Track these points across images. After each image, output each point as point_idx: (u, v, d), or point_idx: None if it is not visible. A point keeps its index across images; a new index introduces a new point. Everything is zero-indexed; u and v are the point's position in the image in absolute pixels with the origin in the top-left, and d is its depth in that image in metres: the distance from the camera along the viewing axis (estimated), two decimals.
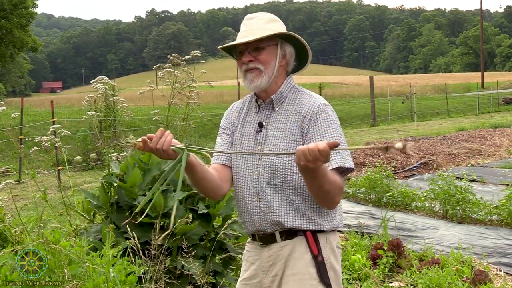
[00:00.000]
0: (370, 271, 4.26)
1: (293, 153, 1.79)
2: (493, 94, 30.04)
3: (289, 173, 1.99)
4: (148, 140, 1.81)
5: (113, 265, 2.32)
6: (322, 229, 2.01)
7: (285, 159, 1.99)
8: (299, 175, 1.96)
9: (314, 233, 2.01)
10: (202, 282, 2.94)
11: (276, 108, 2.08)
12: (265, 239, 2.08)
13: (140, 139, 1.82)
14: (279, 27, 2.07)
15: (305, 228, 2.00)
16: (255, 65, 2.02)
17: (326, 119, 1.98)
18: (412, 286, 4.13)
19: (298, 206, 2.00)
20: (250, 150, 2.10)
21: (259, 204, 2.05)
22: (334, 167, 1.90)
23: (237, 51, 2.07)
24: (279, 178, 2.00)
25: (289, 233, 2.02)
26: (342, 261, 4.50)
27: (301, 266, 1.99)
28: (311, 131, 1.97)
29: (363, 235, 5.41)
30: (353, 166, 1.96)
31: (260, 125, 2.09)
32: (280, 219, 2.01)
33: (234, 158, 2.15)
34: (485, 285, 3.93)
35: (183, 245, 3.13)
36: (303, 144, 1.97)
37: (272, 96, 2.08)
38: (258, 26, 2.02)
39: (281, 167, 1.99)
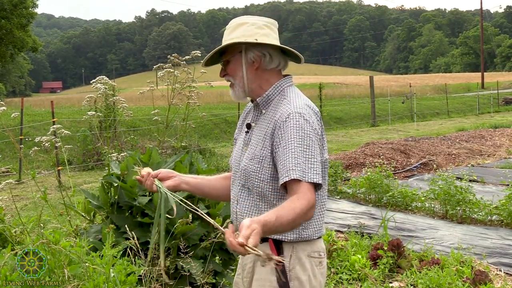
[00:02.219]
0: (370, 272, 4.25)
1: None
2: (493, 94, 30.05)
3: (256, 180, 1.96)
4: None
5: (113, 265, 2.32)
6: (284, 239, 1.96)
7: (255, 164, 1.97)
8: (265, 183, 1.95)
9: (279, 242, 1.96)
10: (202, 282, 2.94)
11: (263, 111, 2.05)
12: None
13: (143, 172, 2.12)
14: (246, 31, 2.00)
15: (268, 236, 1.95)
16: (228, 79, 2.06)
17: (295, 127, 1.88)
18: (412, 286, 4.13)
19: (264, 213, 1.95)
20: (239, 150, 2.11)
21: (237, 206, 2.07)
22: (290, 178, 1.81)
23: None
24: (250, 182, 1.99)
25: None
26: (342, 261, 4.52)
27: (263, 273, 1.98)
28: (277, 141, 1.92)
29: (363, 235, 5.41)
30: (317, 180, 1.84)
31: (248, 126, 2.09)
32: None
33: (232, 158, 2.20)
34: (485, 285, 3.93)
35: (180, 245, 3.13)
36: (271, 153, 1.93)
37: (257, 99, 2.05)
38: (224, 38, 2.03)
39: (251, 172, 1.98)
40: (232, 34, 2.01)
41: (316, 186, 1.87)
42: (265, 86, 2.04)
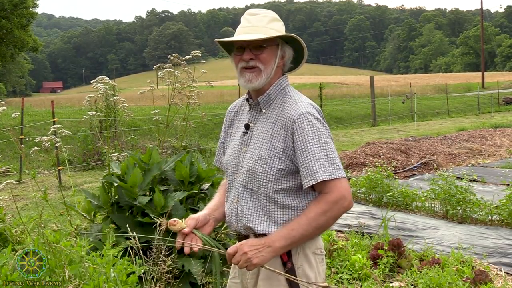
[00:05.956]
0: (371, 271, 4.25)
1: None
2: (493, 94, 30.06)
3: (264, 180, 1.95)
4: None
5: (113, 265, 2.32)
6: None
7: (262, 165, 1.95)
8: (274, 183, 1.94)
9: None
10: (203, 282, 2.94)
11: (264, 110, 2.03)
12: (241, 240, 2.06)
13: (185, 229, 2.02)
14: (280, 27, 2.03)
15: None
16: (255, 64, 1.97)
17: (309, 128, 1.91)
18: (412, 286, 4.13)
19: (271, 214, 1.97)
20: (236, 151, 2.08)
21: (237, 207, 2.04)
22: (317, 181, 1.85)
23: (235, 46, 2.02)
24: (255, 183, 1.97)
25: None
26: (342, 261, 4.52)
27: (270, 272, 1.96)
28: (295, 144, 1.92)
29: (363, 235, 5.40)
30: (342, 175, 1.88)
31: (247, 126, 2.06)
32: (250, 225, 1.99)
33: (224, 160, 2.17)
34: (486, 285, 3.93)
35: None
36: (283, 154, 1.93)
37: (258, 98, 2.04)
38: (261, 24, 1.98)
39: (258, 173, 1.96)
40: (273, 25, 2.00)
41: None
42: (272, 83, 2.04)
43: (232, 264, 2.18)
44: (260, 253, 1.81)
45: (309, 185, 1.88)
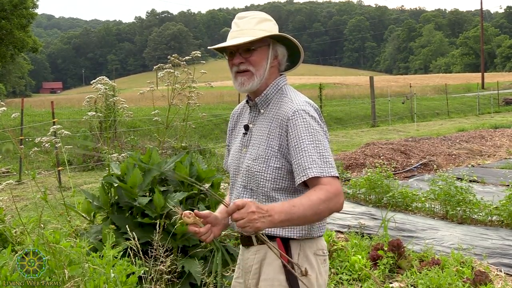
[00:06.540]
0: (371, 272, 4.25)
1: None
2: (493, 95, 30.07)
3: (262, 180, 1.96)
4: (198, 226, 1.98)
5: (113, 266, 2.32)
6: (292, 237, 1.97)
7: (260, 164, 1.96)
8: (272, 182, 1.94)
9: (286, 240, 1.97)
10: (203, 282, 2.94)
11: (262, 111, 2.04)
12: (244, 241, 2.09)
13: (191, 219, 2.00)
14: (271, 26, 2.02)
15: (275, 235, 1.96)
16: (246, 67, 1.97)
17: (303, 125, 1.89)
18: (412, 287, 4.13)
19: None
20: (237, 152, 2.09)
21: None
22: (309, 177, 1.83)
23: (227, 52, 2.03)
24: (254, 183, 1.98)
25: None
26: (342, 261, 4.52)
27: (271, 272, 1.98)
28: (289, 141, 1.91)
29: (363, 236, 5.41)
30: (335, 174, 1.85)
31: (246, 127, 2.08)
32: None
33: (228, 161, 2.19)
34: (485, 285, 3.93)
35: (184, 246, 3.13)
36: (279, 152, 1.93)
37: (256, 99, 2.04)
38: (249, 26, 1.97)
39: (256, 172, 1.97)
40: (262, 25, 1.99)
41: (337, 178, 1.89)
42: (269, 84, 2.04)
43: (237, 264, 2.19)
44: (263, 218, 1.72)
45: (301, 181, 1.85)
